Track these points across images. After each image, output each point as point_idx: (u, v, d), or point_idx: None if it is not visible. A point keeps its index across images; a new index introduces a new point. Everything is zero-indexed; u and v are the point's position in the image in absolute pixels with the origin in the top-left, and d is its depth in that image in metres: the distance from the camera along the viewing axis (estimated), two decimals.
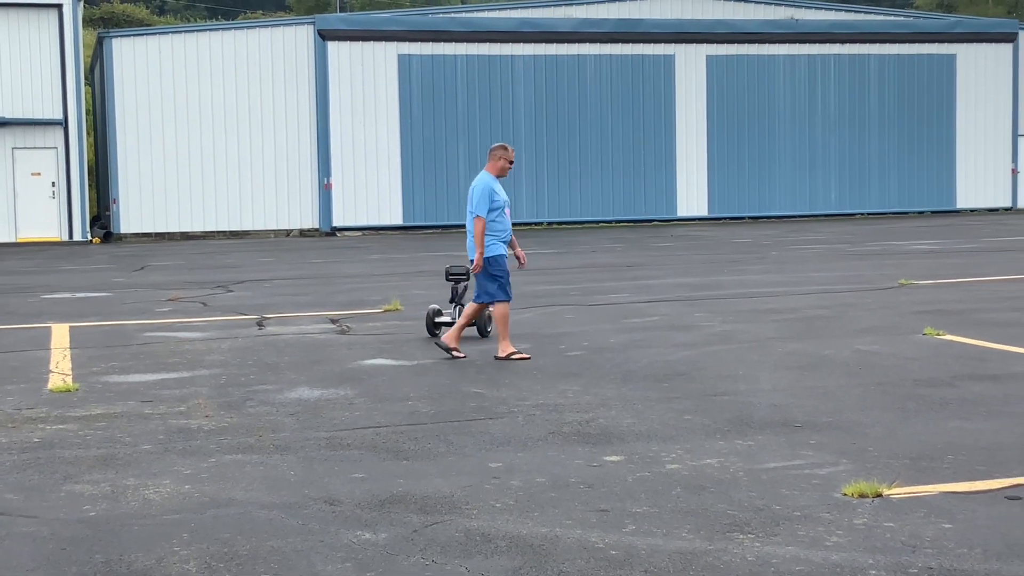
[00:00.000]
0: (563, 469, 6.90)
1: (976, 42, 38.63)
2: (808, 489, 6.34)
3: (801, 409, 8.34)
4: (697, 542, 5.53)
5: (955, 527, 5.63)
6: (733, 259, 21.87)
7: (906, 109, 38.13)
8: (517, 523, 5.89)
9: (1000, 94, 38.73)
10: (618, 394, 9.07)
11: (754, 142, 37.12)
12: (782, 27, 37.35)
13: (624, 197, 36.28)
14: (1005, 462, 6.79)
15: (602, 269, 20.55)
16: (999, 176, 38.89)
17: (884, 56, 37.93)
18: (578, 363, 10.56)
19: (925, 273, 17.85)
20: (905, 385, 9.12)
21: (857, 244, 25.17)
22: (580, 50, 36.02)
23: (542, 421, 8.18)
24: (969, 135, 38.54)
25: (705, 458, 7.06)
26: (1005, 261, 20.04)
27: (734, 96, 36.99)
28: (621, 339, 11.91)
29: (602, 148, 36.13)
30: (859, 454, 7.04)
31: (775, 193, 37.30)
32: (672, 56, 36.65)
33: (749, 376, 9.68)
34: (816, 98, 37.54)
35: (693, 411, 8.37)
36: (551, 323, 13.30)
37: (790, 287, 16.56)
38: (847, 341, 11.39)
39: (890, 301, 14.57)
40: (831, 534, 5.58)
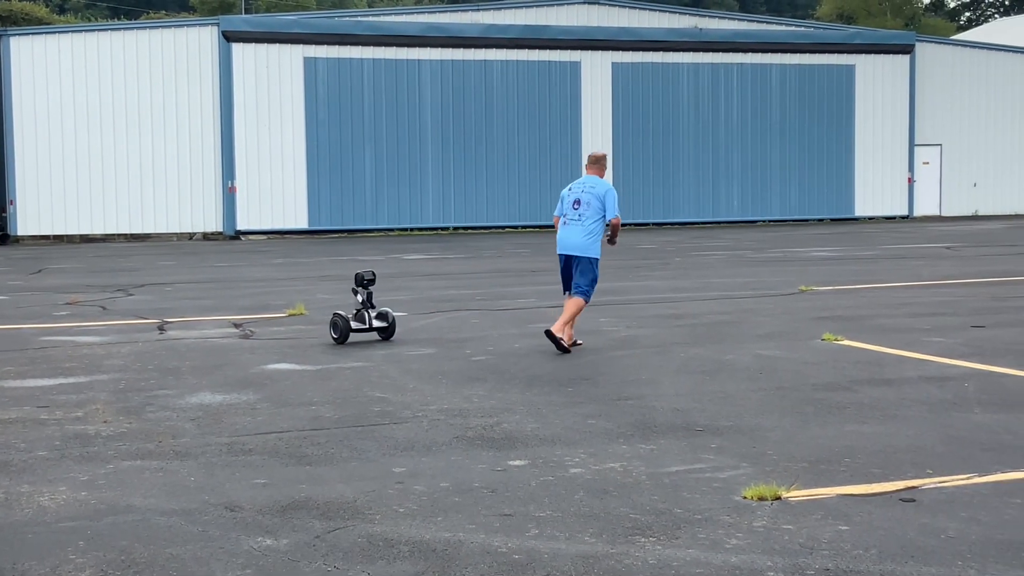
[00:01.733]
0: (467, 474, 6.89)
1: (875, 53, 39.42)
2: (709, 492, 6.41)
3: (703, 413, 8.43)
4: (599, 546, 5.56)
5: (851, 529, 5.72)
6: (637, 265, 22.05)
7: (807, 118, 38.79)
8: (420, 528, 5.87)
9: (897, 104, 39.58)
10: (523, 399, 9.09)
11: (659, 149, 37.50)
12: (686, 35, 37.78)
13: (530, 202, 36.43)
14: (899, 465, 6.91)
15: (508, 274, 20.59)
16: (896, 185, 39.72)
17: (785, 66, 38.56)
18: (483, 368, 10.56)
19: (824, 279, 18.16)
20: (804, 389, 9.26)
21: (759, 251, 25.53)
22: (487, 55, 36.10)
23: (446, 426, 8.17)
24: (867, 144, 39.32)
25: (608, 462, 7.10)
26: (901, 268, 20.47)
27: (639, 103, 37.34)
28: (526, 344, 11.94)
29: (509, 153, 36.25)
30: (759, 457, 7.13)
31: (679, 199, 37.72)
32: (578, 63, 36.90)
33: (652, 381, 9.76)
34: (719, 106, 38.04)
35: (597, 415, 8.41)
36: (457, 328, 13.29)
37: (693, 293, 16.74)
38: (748, 346, 11.54)
39: (790, 307, 14.79)
40: (731, 537, 5.64)
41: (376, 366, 10.73)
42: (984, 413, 8.28)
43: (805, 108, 38.81)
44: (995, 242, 27.27)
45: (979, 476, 6.62)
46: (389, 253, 26.58)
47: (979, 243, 26.98)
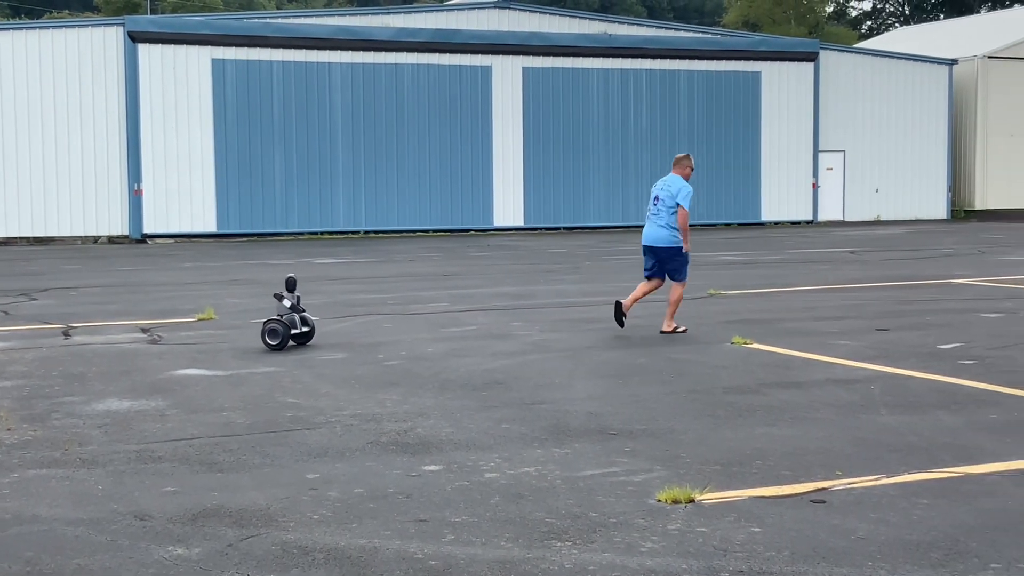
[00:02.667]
0: (381, 479, 6.84)
1: (780, 60, 40.00)
2: (624, 496, 6.43)
3: (616, 417, 8.46)
4: (516, 550, 5.54)
5: (764, 531, 5.77)
6: (549, 269, 22.11)
7: (714, 124, 39.25)
8: (335, 535, 5.81)
9: (802, 111, 40.20)
10: (436, 403, 9.05)
11: (569, 153, 37.67)
12: (596, 41, 38.00)
13: (441, 206, 36.38)
14: (809, 466, 7.00)
15: (420, 278, 20.52)
16: (801, 190, 40.33)
17: (693, 72, 38.97)
18: (396, 372, 10.50)
19: (732, 284, 18.36)
20: (715, 393, 9.34)
21: None
22: (398, 59, 36.00)
23: (360, 431, 8.10)
24: (773, 150, 39.88)
25: (523, 466, 7.09)
26: (807, 272, 20.76)
27: (550, 108, 37.48)
28: (439, 348, 11.90)
29: (419, 157, 36.16)
30: (672, 460, 7.17)
31: (589, 204, 37.92)
32: (489, 67, 36.93)
33: (566, 385, 9.78)
34: (629, 111, 38.33)
35: (511, 420, 8.40)
36: (369, 332, 13.20)
37: (604, 297, 16.79)
38: (660, 350, 11.62)
39: (700, 311, 14.92)
40: (646, 540, 5.66)
41: (288, 371, 10.62)
42: (890, 415, 8.42)
43: (712, 114, 39.25)
44: (897, 247, 27.79)
45: (887, 477, 6.72)
46: (299, 257, 26.35)
47: (881, 248, 27.49)
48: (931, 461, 7.07)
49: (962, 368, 10.34)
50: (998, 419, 8.23)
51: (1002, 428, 7.94)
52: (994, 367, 10.39)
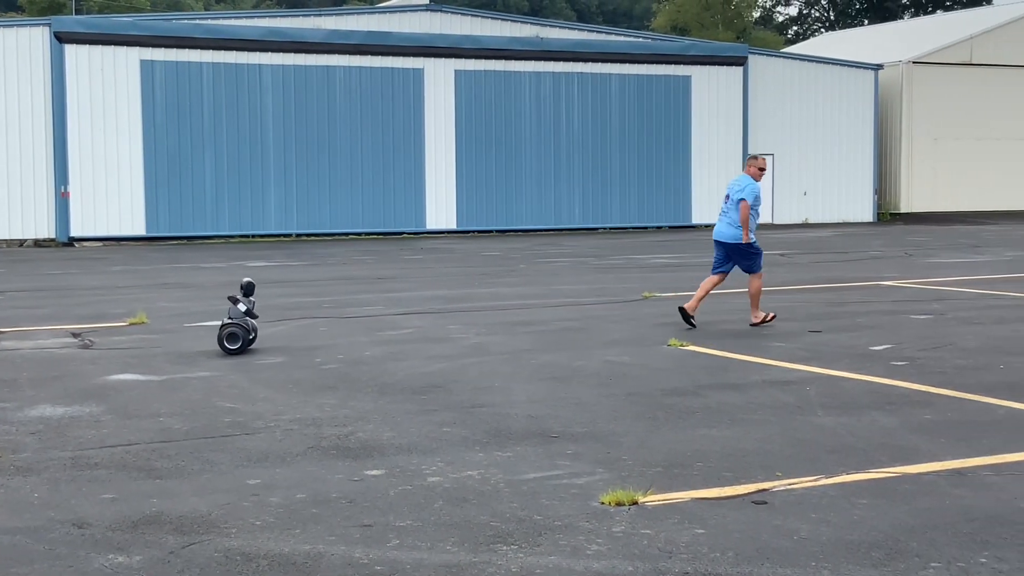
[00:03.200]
0: (324, 484, 6.79)
1: (710, 64, 40.30)
2: (567, 499, 6.44)
3: (557, 420, 8.47)
4: (461, 555, 5.53)
5: (707, 532, 5.81)
6: (484, 272, 22.10)
7: (645, 127, 39.45)
8: (278, 541, 5.76)
9: (732, 114, 40.53)
10: (376, 407, 9.01)
11: (501, 156, 37.68)
12: (528, 44, 38.05)
13: (374, 209, 36.22)
14: (749, 467, 7.05)
15: (354, 281, 20.42)
16: None
17: (624, 75, 39.14)
18: (334, 376, 10.43)
19: (666, 286, 18.47)
20: (654, 395, 9.39)
21: (601, 258, 25.84)
22: (329, 61, 35.77)
23: (300, 436, 8.04)
24: (703, 153, 40.17)
25: (466, 470, 7.07)
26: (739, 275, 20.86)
27: (482, 111, 37.47)
28: (377, 352, 11.85)
29: (352, 160, 35.98)
30: (614, 463, 7.20)
31: (522, 207, 37.95)
32: (421, 70, 36.83)
33: (505, 388, 9.77)
34: (561, 115, 38.42)
35: (452, 423, 8.38)
36: (305, 336, 13.11)
37: (540, 300, 16.85)
38: (597, 352, 11.66)
39: (636, 313, 15.00)
40: (591, 543, 5.67)
41: (224, 376, 10.51)
42: (826, 416, 8.51)
43: (644, 117, 39.46)
44: (825, 249, 28.12)
45: (826, 478, 6.79)
46: (231, 260, 26.12)
47: (811, 250, 27.80)
48: (868, 461, 7.15)
49: (895, 369, 10.48)
50: (932, 419, 8.36)
51: (936, 428, 8.06)
52: (925, 368, 10.55)
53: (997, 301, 16.05)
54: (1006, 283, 18.59)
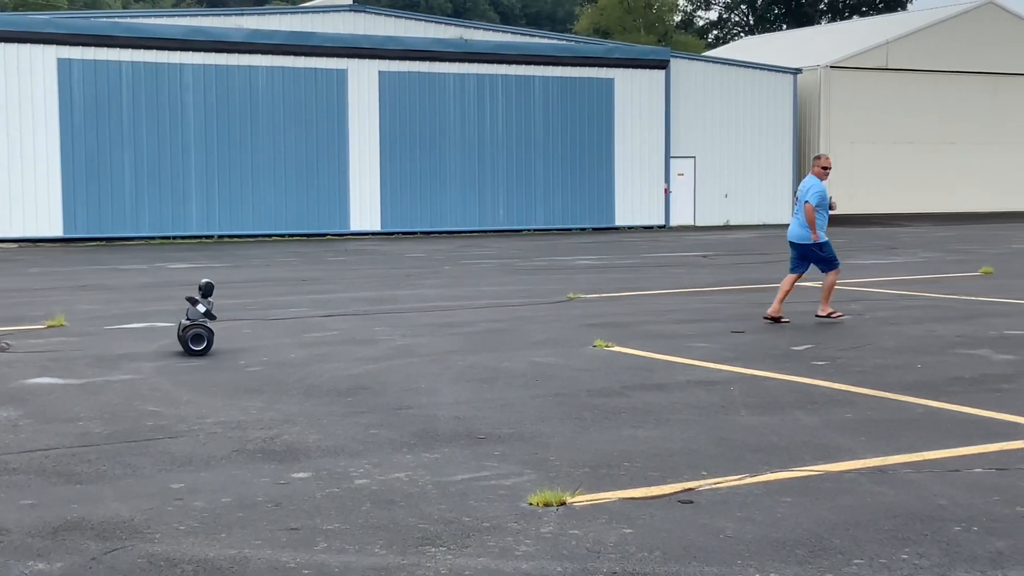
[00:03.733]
0: (249, 488, 6.72)
1: (632, 67, 40.56)
2: (496, 500, 6.43)
3: (484, 421, 8.46)
4: (390, 557, 5.50)
5: (635, 532, 5.83)
6: (408, 273, 22.03)
7: (569, 129, 39.60)
8: (204, 546, 5.68)
9: (654, 117, 40.82)
10: (302, 409, 8.93)
11: (426, 158, 37.60)
12: (452, 46, 38.02)
13: (298, 211, 35.97)
14: (675, 467, 7.10)
15: (278, 283, 20.25)
16: (653, 196, 40.94)
17: (548, 78, 39.26)
18: (259, 378, 10.33)
19: (591, 287, 18.55)
20: (580, 396, 9.41)
21: (526, 259, 25.89)
22: (252, 61, 35.47)
23: (224, 439, 7.95)
24: (626, 155, 40.41)
25: (393, 472, 7.04)
26: (662, 276, 21.09)
27: (407, 112, 37.37)
28: (302, 354, 11.76)
29: (275, 161, 35.70)
30: (541, 464, 7.20)
31: (446, 208, 37.91)
32: (345, 70, 36.65)
33: (432, 389, 9.74)
34: (485, 116, 38.44)
35: (379, 425, 8.34)
36: (229, 338, 12.96)
37: (466, 301, 16.83)
38: (523, 353, 11.66)
39: (561, 314, 15.03)
40: (520, 544, 5.67)
41: (146, 379, 10.37)
42: (750, 415, 8.59)
43: (567, 120, 39.61)
44: (746, 251, 28.43)
45: (750, 477, 6.85)
46: (152, 262, 25.77)
47: (732, 252, 28.08)
48: (792, 460, 7.23)
49: (816, 369, 10.61)
50: (852, 418, 8.47)
51: (857, 427, 8.17)
52: (845, 367, 10.69)
53: (913, 302, 16.32)
54: (921, 284, 18.91)
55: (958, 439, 7.72)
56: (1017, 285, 18.43)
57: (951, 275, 20.48)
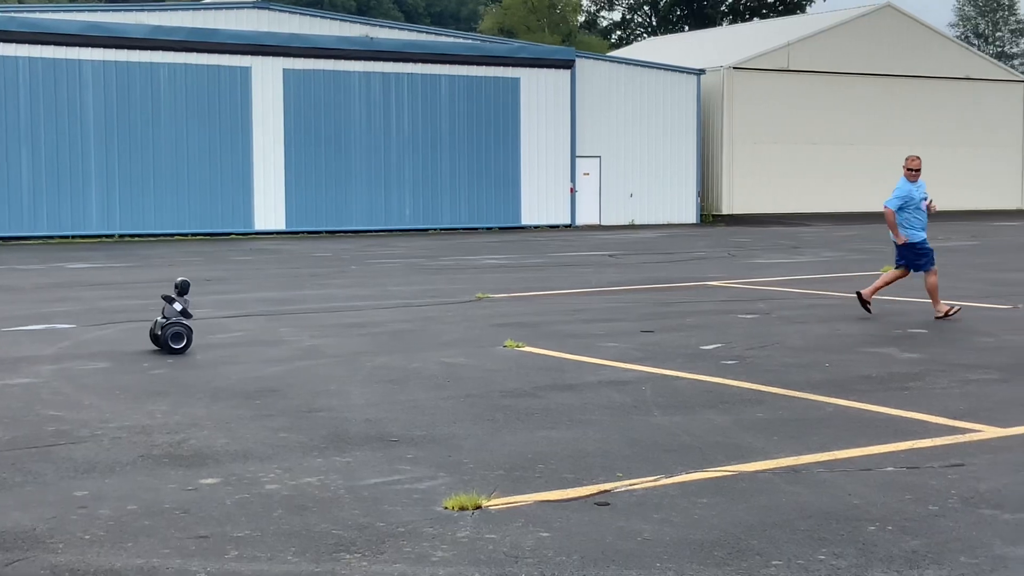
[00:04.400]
0: (156, 494, 6.53)
1: (538, 67, 40.61)
2: (410, 504, 6.32)
3: (395, 423, 8.34)
4: (304, 565, 5.37)
5: (552, 535, 5.77)
6: (315, 273, 21.78)
7: (475, 129, 39.53)
8: (110, 555, 5.50)
9: (560, 117, 40.92)
10: (209, 413, 8.74)
11: (331, 157, 37.27)
12: (357, 44, 37.74)
13: (201, 210, 35.42)
14: (590, 468, 7.05)
15: None
16: (559, 195, 41.03)
17: (454, 77, 39.15)
18: (164, 381, 10.09)
19: (499, 287, 18.49)
20: (492, 397, 9.33)
21: (433, 259, 25.76)
22: (153, 58, 34.84)
23: (129, 444, 7.73)
24: (532, 155, 40.44)
25: (304, 477, 6.89)
26: (570, 276, 21.11)
27: (312, 111, 37.00)
28: (207, 356, 11.52)
29: (177, 159, 35.12)
30: (455, 467, 7.11)
31: (352, 208, 37.61)
32: (248, 68, 36.20)
33: (341, 391, 9.60)
34: (391, 115, 38.20)
35: (288, 428, 8.18)
36: (131, 340, 12.67)
37: (373, 301, 16.67)
38: (433, 354, 11.56)
39: (469, 314, 14.95)
40: (436, 549, 5.57)
41: (47, 382, 10.07)
42: (662, 415, 8.59)
43: (474, 119, 39.53)
44: (652, 250, 28.59)
45: (666, 478, 6.83)
46: (50, 262, 25.17)
47: (638, 251, 28.22)
48: (706, 460, 7.23)
49: (725, 368, 10.65)
50: (764, 417, 8.50)
51: (768, 426, 8.20)
52: (754, 366, 10.75)
53: (818, 300, 16.52)
54: (825, 283, 19.16)
55: (869, 438, 7.79)
56: (918, 284, 18.71)
57: (855, 273, 20.79)
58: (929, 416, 8.48)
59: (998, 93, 51.67)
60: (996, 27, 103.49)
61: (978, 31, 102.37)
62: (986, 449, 7.50)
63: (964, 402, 9.02)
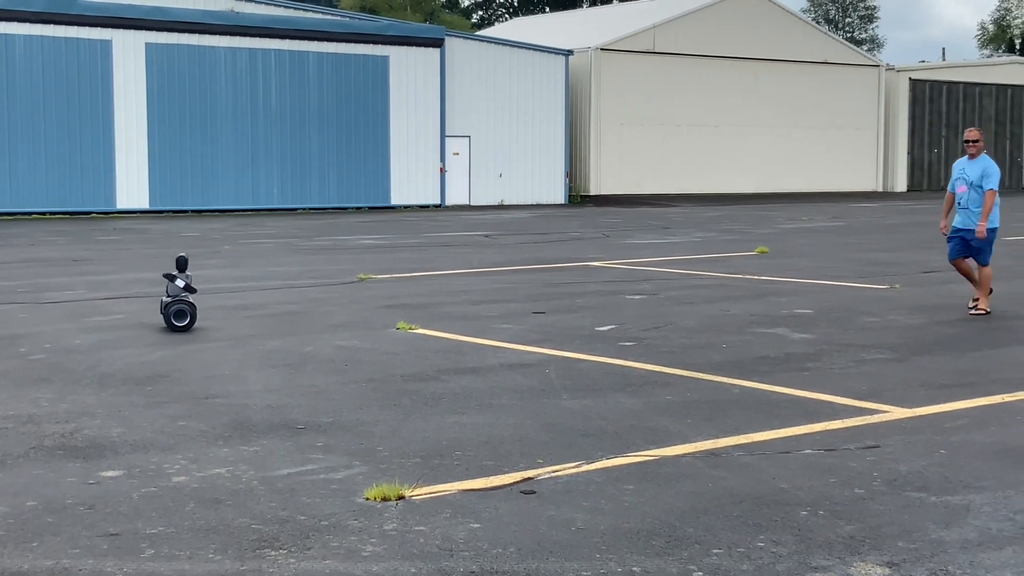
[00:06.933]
0: (56, 489, 6.14)
1: (407, 45, 40.22)
2: (329, 495, 6.05)
3: (299, 409, 8.04)
4: (227, 563, 5.07)
5: (483, 526, 5.56)
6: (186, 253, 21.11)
7: (344, 107, 38.98)
8: (16, 557, 5.12)
9: (429, 96, 40.61)
10: (99, 400, 8.31)
11: (196, 134, 36.38)
12: (222, 18, 36.88)
13: (60, 187, 34.23)
14: (508, 455, 6.86)
15: (47, 263, 19.11)
16: (429, 175, 40.75)
17: (322, 54, 38.54)
18: (45, 367, 9.60)
19: (380, 268, 18.18)
20: (395, 381, 9.08)
21: (307, 239, 25.29)
22: (7, 29, 33.49)
23: (18, 435, 7.29)
24: (402, 134, 40.07)
25: (213, 468, 6.57)
26: (449, 256, 20.89)
27: (176, 86, 36.04)
28: (88, 339, 11.02)
29: (34, 135, 33.86)
30: (370, 455, 6.86)
31: (218, 187, 36.79)
32: (109, 41, 35.10)
33: (237, 376, 9.24)
34: (258, 92, 37.44)
35: (187, 416, 7.82)
36: (3, 324, 12.07)
37: (253, 282, 16.23)
38: (326, 337, 11.24)
39: (355, 296, 14.63)
40: (365, 543, 5.32)
41: None
42: (572, 399, 8.44)
43: (342, 98, 38.97)
44: (526, 230, 28.52)
45: (587, 463, 6.67)
46: None
47: (512, 231, 28.12)
48: (624, 445, 7.10)
49: (625, 349, 10.56)
50: (674, 400, 8.41)
51: (680, 409, 8.11)
52: (653, 348, 10.68)
53: (700, 281, 16.59)
54: (702, 263, 19.28)
55: (781, 420, 7.75)
56: (793, 264, 19.02)
57: (730, 254, 20.99)
58: (835, 397, 8.49)
59: (856, 78, 52.95)
60: (846, 13, 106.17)
61: (828, 17, 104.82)
62: (897, 430, 7.53)
63: (865, 382, 9.08)
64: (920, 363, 9.98)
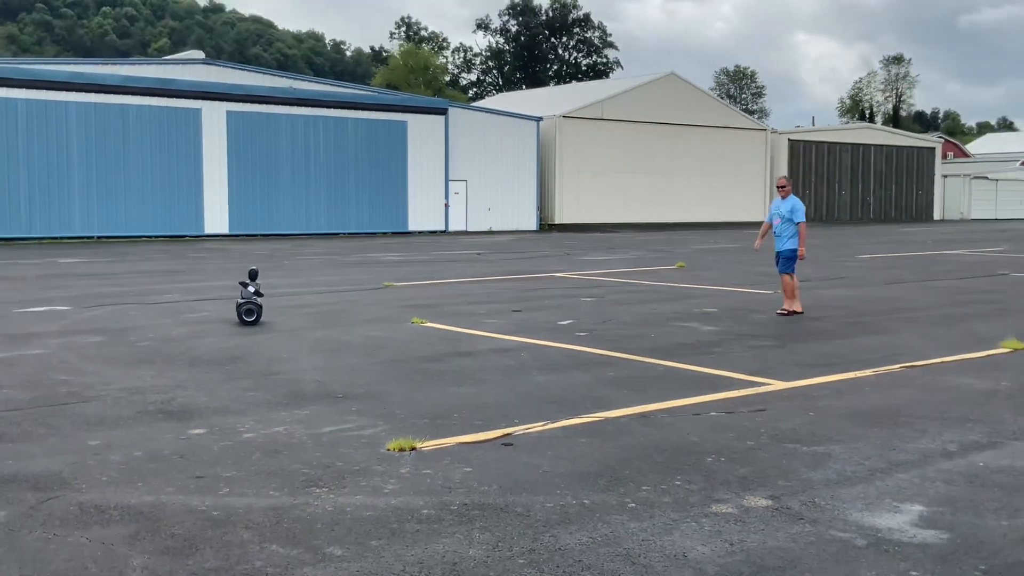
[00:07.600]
0: (156, 443, 6.09)
1: (421, 113, 40.09)
2: (360, 447, 6.02)
3: (339, 383, 7.99)
4: (283, 498, 5.03)
5: (474, 470, 5.54)
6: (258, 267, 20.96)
7: (374, 159, 38.84)
8: (125, 493, 5.08)
9: (437, 150, 40.48)
10: (190, 376, 8.24)
11: (264, 177, 36.21)
12: (284, 93, 36.70)
13: (162, 216, 34.02)
14: (493, 417, 6.83)
15: (151, 275, 18.96)
16: (436, 208, 40.63)
17: (358, 119, 38.38)
18: (149, 352, 9.52)
19: (400, 277, 18.09)
20: (410, 361, 9.03)
21: (345, 255, 25.17)
22: (124, 100, 33.27)
23: (128, 402, 7.23)
24: (417, 178, 39.94)
25: (273, 427, 6.52)
26: (451, 268, 20.80)
27: (249, 142, 35.85)
28: (182, 331, 10.93)
29: (144, 177, 33.69)
30: (391, 417, 6.82)
31: (280, 216, 36.59)
32: (199, 109, 34.84)
33: (293, 358, 9.18)
34: (310, 147, 37.27)
35: (255, 388, 7.76)
36: (118, 319, 11.97)
37: (306, 288, 16.14)
38: (359, 329, 11.17)
39: (381, 298, 14.55)
40: (386, 483, 5.29)
41: (54, 353, 9.40)
42: (540, 375, 8.40)
43: (373, 152, 38.83)
44: (509, 250, 28.43)
45: (551, 423, 6.65)
46: (45, 257, 23.80)
47: (498, 251, 28.02)
48: (578, 409, 7.07)
49: (580, 339, 10.52)
50: (615, 375, 8.39)
51: (619, 382, 8.09)
52: (601, 337, 10.65)
53: (635, 287, 16.55)
54: (637, 274, 19.24)
55: (693, 390, 7.74)
56: (705, 275, 19.00)
57: (657, 268, 20.97)
58: (733, 373, 8.48)
59: (749, 138, 53.04)
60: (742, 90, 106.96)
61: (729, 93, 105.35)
62: (779, 398, 7.52)
63: (755, 363, 9.07)
64: (795, 348, 9.99)
